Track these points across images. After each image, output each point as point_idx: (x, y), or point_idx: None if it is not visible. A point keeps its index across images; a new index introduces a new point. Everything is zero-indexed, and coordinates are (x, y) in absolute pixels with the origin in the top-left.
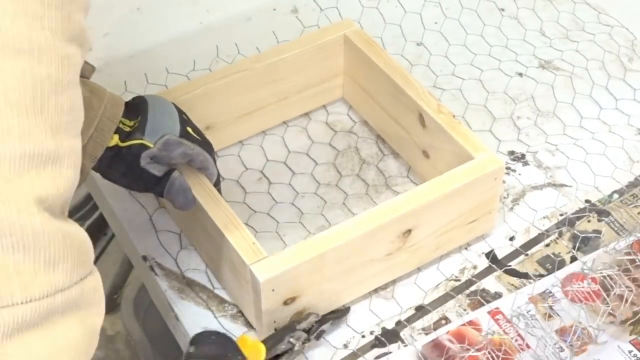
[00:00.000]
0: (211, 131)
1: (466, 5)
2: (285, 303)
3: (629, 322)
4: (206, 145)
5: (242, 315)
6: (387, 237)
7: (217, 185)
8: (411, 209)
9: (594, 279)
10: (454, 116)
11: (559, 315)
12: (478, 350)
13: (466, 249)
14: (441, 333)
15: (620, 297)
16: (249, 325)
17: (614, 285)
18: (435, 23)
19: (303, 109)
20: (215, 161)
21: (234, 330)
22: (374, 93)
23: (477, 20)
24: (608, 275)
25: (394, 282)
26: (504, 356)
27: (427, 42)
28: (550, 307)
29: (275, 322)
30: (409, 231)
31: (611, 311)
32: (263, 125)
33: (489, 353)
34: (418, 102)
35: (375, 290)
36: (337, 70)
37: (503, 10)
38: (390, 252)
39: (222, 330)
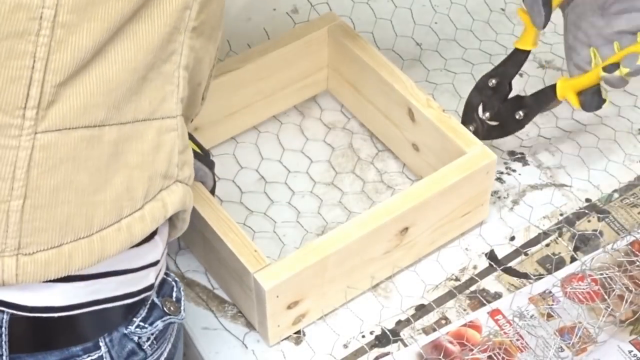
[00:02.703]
0: (200, 131)
1: (455, 0)
2: (289, 307)
3: (628, 322)
4: (206, 159)
5: (243, 315)
6: (385, 236)
7: (212, 193)
8: (408, 208)
9: (594, 280)
10: (443, 110)
11: (559, 315)
12: (482, 351)
13: (466, 249)
14: (441, 333)
15: (620, 297)
16: (249, 326)
17: (614, 286)
18: (432, 21)
19: (289, 104)
20: (214, 174)
21: (235, 330)
22: (360, 86)
23: (466, 15)
24: (608, 276)
25: (394, 282)
26: (504, 356)
27: (418, 37)
28: (550, 307)
29: (279, 325)
30: (406, 229)
31: (611, 311)
32: (251, 122)
33: (490, 352)
34: (407, 96)
35: (376, 290)
36: (321, 63)
37: (491, 5)
38: (388, 250)
39: (223, 331)
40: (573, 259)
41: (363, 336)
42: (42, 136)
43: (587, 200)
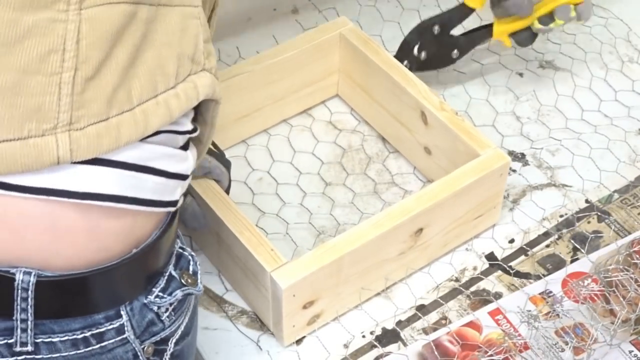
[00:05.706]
0: None
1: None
2: (305, 307)
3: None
4: (222, 158)
5: (243, 315)
6: (400, 237)
7: (227, 193)
8: (423, 208)
9: (608, 282)
10: (456, 113)
11: (559, 315)
12: (497, 353)
13: (467, 249)
14: (441, 333)
15: (635, 299)
16: (250, 326)
17: (629, 287)
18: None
19: (299, 108)
20: (230, 174)
21: (235, 330)
22: (372, 91)
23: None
24: (622, 278)
25: (407, 283)
26: (507, 356)
27: None
28: (554, 309)
29: (294, 326)
30: (420, 230)
31: (625, 314)
32: (261, 126)
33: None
34: (420, 100)
35: None
36: (332, 68)
37: None
38: (402, 252)
39: (223, 331)
40: (573, 260)
41: (363, 336)
42: (86, 11)
43: (587, 201)
